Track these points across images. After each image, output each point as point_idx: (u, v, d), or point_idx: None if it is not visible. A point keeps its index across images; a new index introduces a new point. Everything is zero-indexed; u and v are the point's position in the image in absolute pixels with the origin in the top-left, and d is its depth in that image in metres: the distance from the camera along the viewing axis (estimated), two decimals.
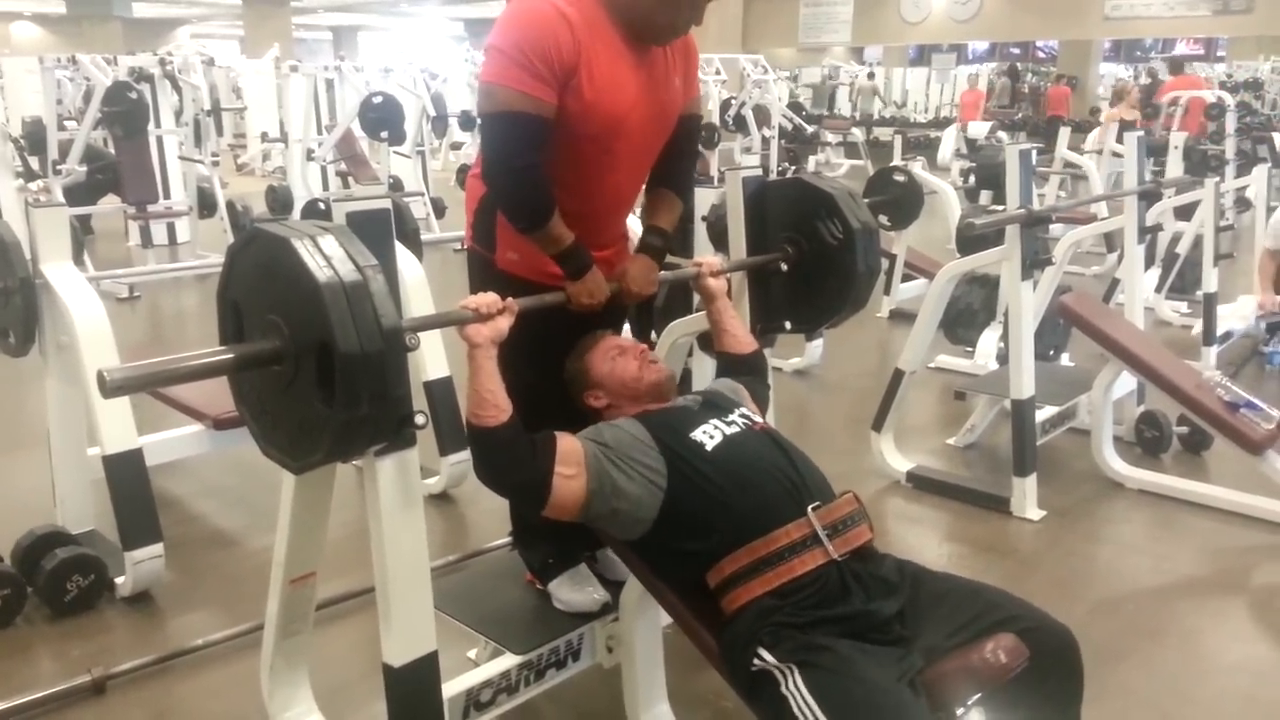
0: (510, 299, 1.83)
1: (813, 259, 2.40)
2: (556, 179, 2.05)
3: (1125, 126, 8.58)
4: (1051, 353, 4.80)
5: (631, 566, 2.06)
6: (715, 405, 2.02)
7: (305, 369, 1.44)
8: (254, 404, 1.61)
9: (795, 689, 1.61)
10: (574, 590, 2.28)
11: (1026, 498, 3.54)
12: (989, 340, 5.06)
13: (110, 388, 1.32)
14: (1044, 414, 3.85)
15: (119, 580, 2.96)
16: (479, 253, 2.22)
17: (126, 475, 2.88)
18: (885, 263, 5.99)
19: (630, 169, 2.20)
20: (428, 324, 1.79)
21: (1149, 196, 4.39)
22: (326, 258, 1.42)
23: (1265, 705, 2.54)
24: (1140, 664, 2.66)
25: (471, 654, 2.50)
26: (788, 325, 2.54)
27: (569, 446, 1.86)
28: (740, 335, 2.29)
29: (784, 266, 2.45)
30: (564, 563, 2.31)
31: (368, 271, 1.44)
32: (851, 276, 2.35)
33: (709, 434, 1.90)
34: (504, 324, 1.80)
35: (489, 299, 1.79)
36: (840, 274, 2.36)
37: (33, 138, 8.12)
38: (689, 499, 1.83)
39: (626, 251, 2.33)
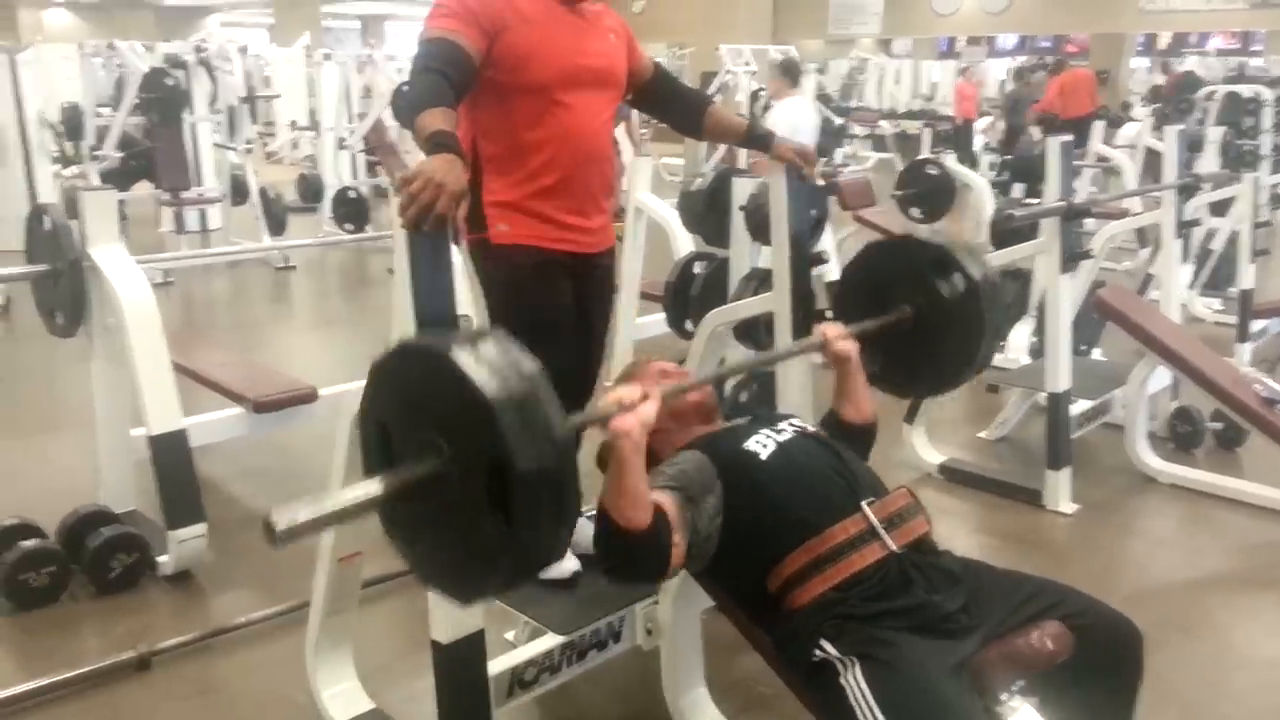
0: (651, 389, 1.68)
1: (933, 318, 2.19)
2: (525, 143, 2.21)
3: None
4: (1084, 347, 4.79)
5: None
6: (764, 418, 2.03)
7: (473, 491, 1.29)
8: (406, 531, 1.43)
9: (854, 681, 1.61)
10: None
11: (1060, 491, 3.54)
12: (1021, 334, 5.04)
13: (280, 538, 1.23)
14: (1078, 408, 3.84)
15: (161, 559, 3.01)
16: (474, 238, 2.31)
17: (171, 455, 2.94)
18: None
19: (590, 118, 2.29)
20: (579, 424, 1.61)
21: (1187, 191, 4.36)
22: (490, 367, 1.29)
23: None
24: (1172, 657, 2.66)
25: (509, 635, 2.54)
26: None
27: (670, 510, 1.74)
28: (863, 404, 2.12)
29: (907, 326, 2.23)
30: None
31: (534, 379, 1.31)
32: (979, 331, 2.13)
33: (762, 444, 1.90)
34: (650, 410, 1.63)
35: (631, 391, 1.65)
36: (965, 329, 2.15)
37: (70, 124, 8.22)
38: (745, 511, 1.81)
39: (612, 228, 2.48)
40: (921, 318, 2.21)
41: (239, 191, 8.17)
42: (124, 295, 2.90)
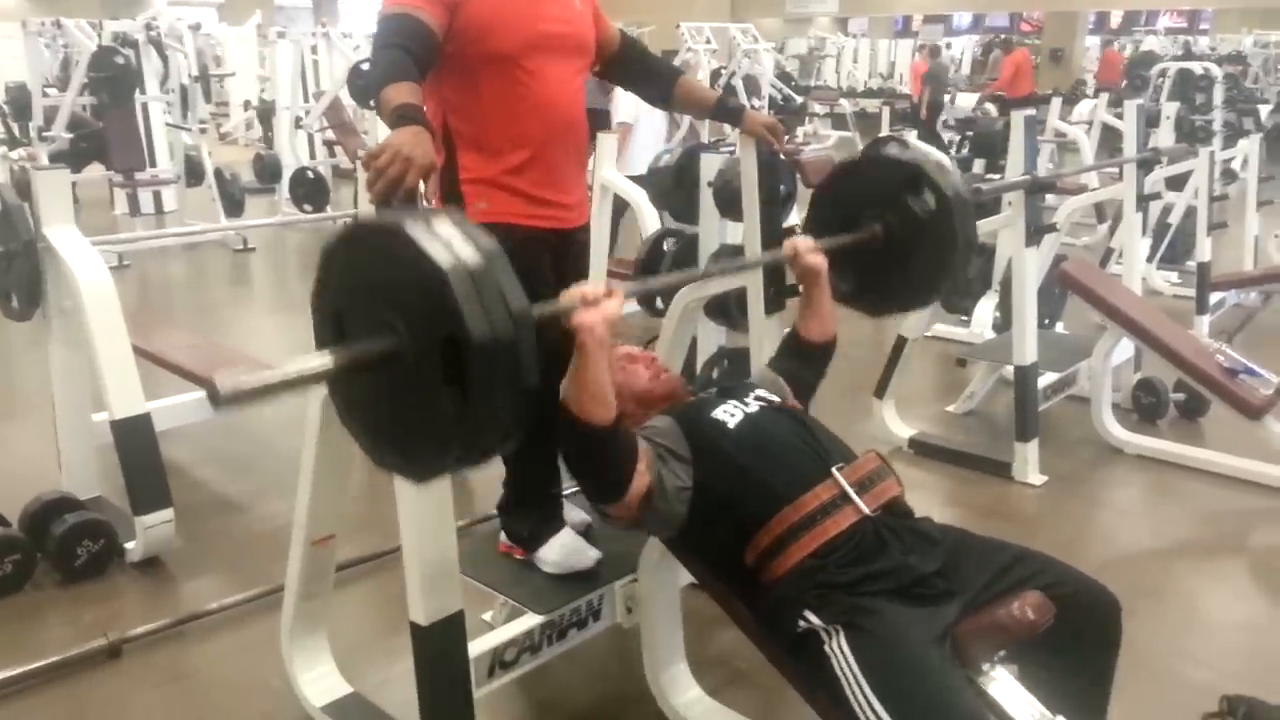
0: (614, 284, 1.69)
1: (904, 234, 2.17)
2: (494, 116, 2.16)
3: None
4: (1046, 321, 4.84)
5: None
6: (731, 390, 2.03)
7: (428, 367, 1.28)
8: (363, 415, 1.42)
9: (839, 649, 1.61)
10: (567, 553, 2.30)
11: (1028, 463, 3.58)
12: (985, 308, 5.08)
13: (224, 400, 1.18)
14: (1044, 380, 3.88)
15: (129, 546, 2.95)
16: None
17: (136, 440, 2.88)
18: None
19: (559, 86, 2.24)
20: (541, 316, 1.53)
21: (1146, 165, 4.41)
22: (445, 241, 1.27)
23: (1267, 658, 2.60)
24: (1143, 622, 2.69)
25: (486, 616, 2.52)
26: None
27: (642, 447, 1.79)
28: (827, 321, 2.15)
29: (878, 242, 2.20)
30: (552, 528, 2.34)
31: (490, 254, 1.29)
32: (951, 249, 2.13)
33: (729, 413, 1.91)
34: (614, 306, 1.63)
35: (595, 285, 1.65)
36: (937, 248, 2.14)
37: (16, 104, 8.01)
38: (716, 481, 1.82)
39: (587, 202, 2.46)
40: (893, 235, 2.19)
41: (194, 172, 8.01)
42: (81, 277, 2.82)
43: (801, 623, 1.68)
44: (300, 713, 2.28)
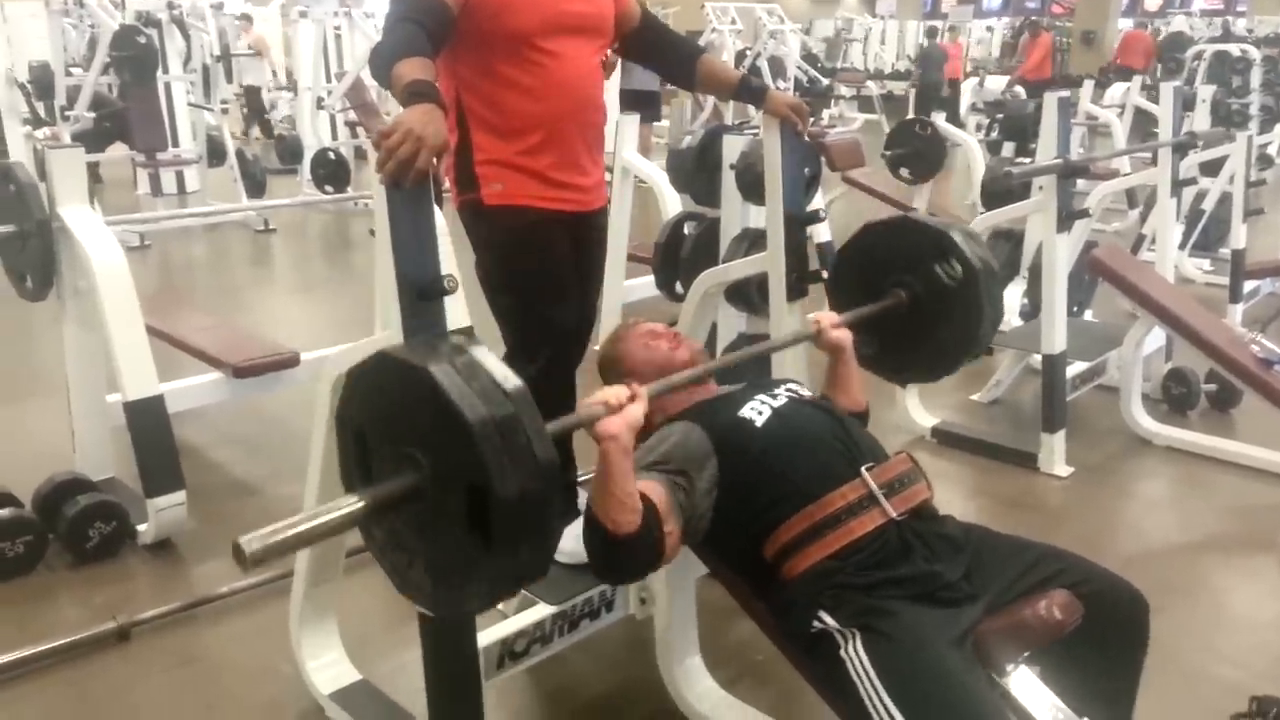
0: (637, 385, 1.63)
1: (930, 302, 2.15)
2: (510, 96, 2.13)
3: None
4: (1075, 308, 4.74)
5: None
6: (759, 384, 1.97)
7: (451, 509, 1.26)
8: (383, 540, 1.39)
9: (855, 653, 1.56)
10: (582, 543, 2.25)
11: (1055, 454, 3.51)
12: (1013, 295, 4.98)
13: (250, 560, 1.16)
14: (1073, 370, 3.80)
15: (141, 528, 2.94)
16: (467, 200, 2.23)
17: (148, 422, 2.86)
18: None
19: (576, 67, 2.19)
20: (563, 429, 1.53)
21: (1181, 149, 4.30)
22: (470, 386, 1.25)
23: None
24: (1170, 619, 2.61)
25: (499, 604, 2.48)
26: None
27: (659, 498, 1.69)
28: (855, 393, 2.10)
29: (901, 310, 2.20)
30: (567, 518, 2.27)
31: (518, 399, 1.27)
32: (976, 320, 2.10)
33: (757, 410, 1.85)
34: (638, 411, 1.59)
35: (617, 390, 1.59)
36: (961, 318, 2.12)
37: (40, 83, 8.03)
38: (741, 480, 1.76)
39: (604, 185, 2.42)
40: (918, 302, 2.17)
41: (216, 153, 8.01)
42: (94, 257, 2.80)
43: (816, 623, 1.63)
44: (309, 699, 2.26)
